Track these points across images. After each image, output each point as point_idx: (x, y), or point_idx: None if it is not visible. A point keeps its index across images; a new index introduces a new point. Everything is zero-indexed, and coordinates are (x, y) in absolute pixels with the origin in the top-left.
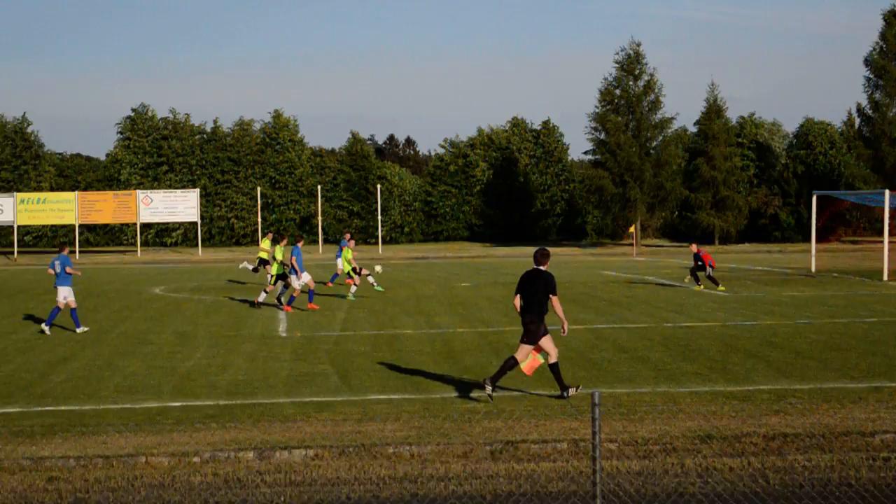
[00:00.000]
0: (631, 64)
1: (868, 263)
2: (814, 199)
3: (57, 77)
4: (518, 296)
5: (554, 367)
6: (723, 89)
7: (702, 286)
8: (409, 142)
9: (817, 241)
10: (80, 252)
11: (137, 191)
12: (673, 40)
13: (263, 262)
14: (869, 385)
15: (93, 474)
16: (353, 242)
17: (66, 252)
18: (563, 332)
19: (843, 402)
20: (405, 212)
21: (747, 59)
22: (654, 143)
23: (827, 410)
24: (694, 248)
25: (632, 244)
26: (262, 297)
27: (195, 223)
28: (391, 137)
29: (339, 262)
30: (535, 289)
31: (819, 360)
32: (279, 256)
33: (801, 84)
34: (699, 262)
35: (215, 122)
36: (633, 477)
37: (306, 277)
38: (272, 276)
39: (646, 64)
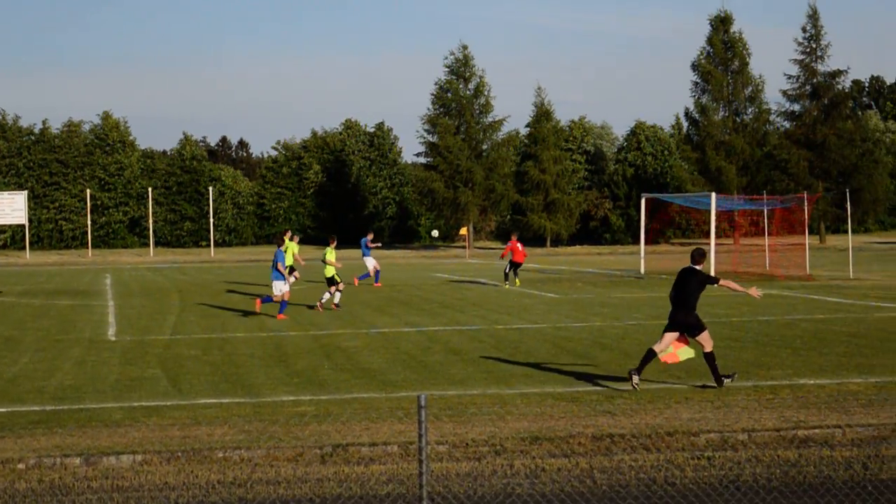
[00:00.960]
0: (460, 67)
1: None
2: (642, 201)
3: None
4: (673, 291)
5: (709, 357)
6: (553, 93)
7: (511, 285)
8: (242, 144)
9: (647, 243)
10: None
11: None
12: (503, 44)
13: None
14: (694, 385)
15: None
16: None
17: None
18: (758, 295)
19: (670, 402)
20: (238, 214)
21: (577, 63)
22: (485, 146)
23: (653, 411)
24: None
25: (464, 247)
26: (325, 299)
27: (23, 226)
28: (223, 139)
29: (368, 260)
30: (691, 286)
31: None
32: (331, 258)
33: (630, 88)
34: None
35: (44, 123)
36: (462, 479)
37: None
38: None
39: (475, 67)
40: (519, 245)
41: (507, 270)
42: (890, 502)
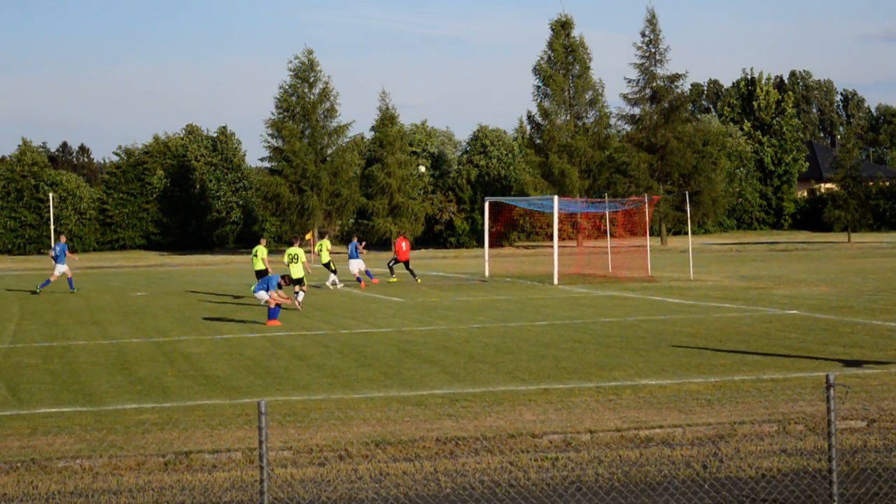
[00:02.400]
0: (305, 71)
1: (540, 268)
2: (486, 205)
3: None
4: None
5: None
6: (397, 97)
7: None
8: (83, 149)
9: (491, 246)
10: None
11: None
12: (348, 48)
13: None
14: (538, 387)
15: None
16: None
17: None
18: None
19: (514, 404)
20: (80, 221)
21: (419, 67)
22: (331, 151)
23: (498, 413)
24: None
25: (309, 251)
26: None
27: None
28: (64, 145)
29: (353, 263)
30: None
31: (491, 364)
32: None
33: (473, 92)
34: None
35: None
36: (306, 484)
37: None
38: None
39: (320, 71)
40: (404, 245)
41: (391, 264)
42: (728, 500)
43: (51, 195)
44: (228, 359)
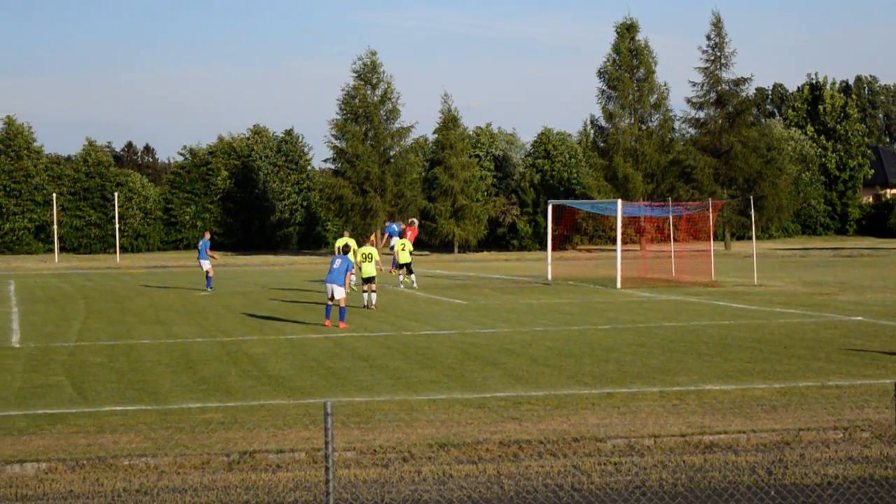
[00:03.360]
0: (368, 73)
1: (602, 271)
2: (549, 208)
3: None
4: None
5: None
6: (459, 99)
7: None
8: (148, 149)
9: (553, 249)
10: None
11: None
12: (411, 50)
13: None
14: (601, 391)
15: None
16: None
17: None
18: None
19: (577, 408)
20: (144, 220)
21: (483, 70)
22: (394, 152)
23: (561, 416)
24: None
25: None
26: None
27: None
28: (129, 145)
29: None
30: None
31: (554, 367)
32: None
33: (537, 95)
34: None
35: None
36: (369, 485)
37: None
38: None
39: (383, 73)
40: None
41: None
42: None
43: (116, 194)
44: (292, 359)
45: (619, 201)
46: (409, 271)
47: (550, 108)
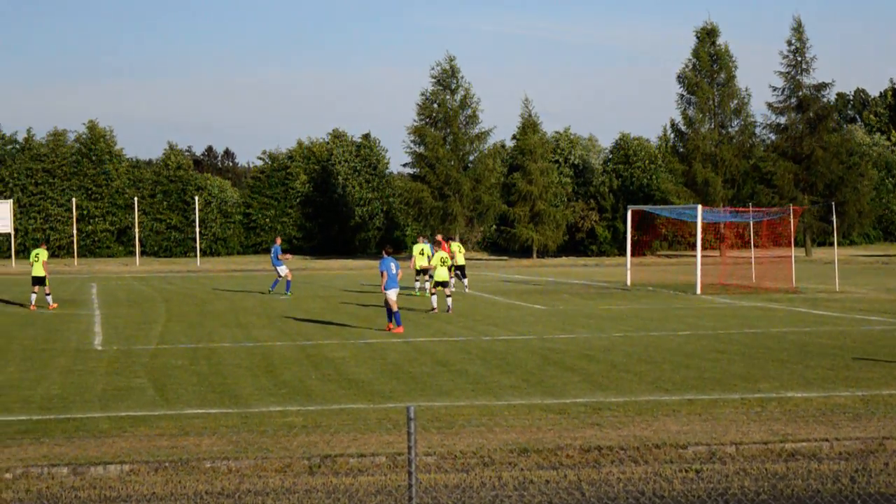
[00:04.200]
0: (447, 78)
1: (682, 277)
2: (628, 213)
3: None
4: None
5: None
6: (539, 104)
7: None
8: (228, 153)
9: (633, 255)
10: None
11: None
12: (489, 55)
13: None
14: (682, 398)
15: None
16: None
17: None
18: None
19: (657, 414)
20: (224, 224)
21: (561, 75)
22: (473, 157)
23: (641, 423)
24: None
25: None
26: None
27: (8, 235)
28: (209, 149)
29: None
30: None
31: (634, 373)
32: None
33: (615, 100)
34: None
35: (28, 131)
36: (450, 490)
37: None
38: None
39: (462, 78)
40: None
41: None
42: None
43: (196, 198)
44: (371, 363)
45: (699, 207)
46: (460, 275)
47: (629, 113)
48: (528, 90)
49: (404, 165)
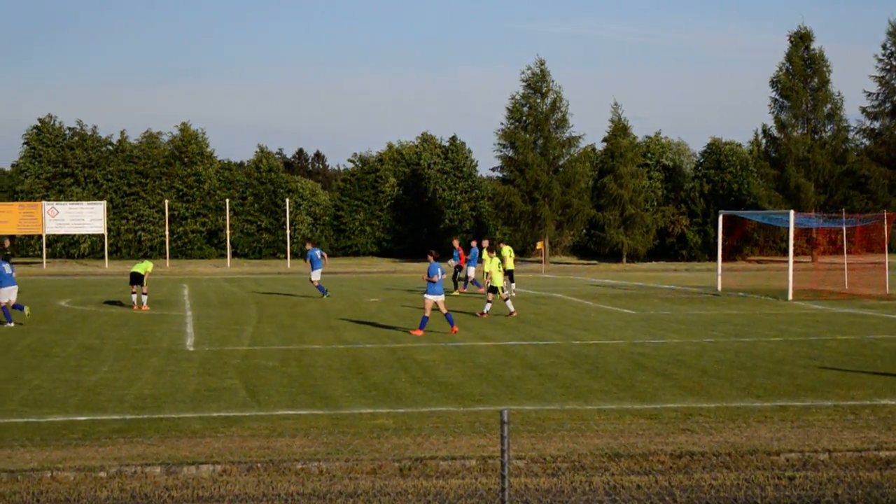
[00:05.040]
0: (537, 82)
1: (773, 283)
2: (720, 218)
3: None
4: None
5: None
6: (628, 108)
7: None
8: (319, 156)
9: (723, 260)
10: None
11: (43, 202)
12: (578, 59)
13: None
14: (774, 404)
15: None
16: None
17: None
18: None
19: (749, 420)
20: (314, 226)
21: (651, 79)
22: (562, 161)
23: (733, 429)
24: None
25: (540, 261)
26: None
27: (102, 235)
28: (300, 151)
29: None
30: None
31: (725, 379)
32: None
33: (706, 104)
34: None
35: (121, 133)
36: (541, 494)
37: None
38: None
39: (552, 82)
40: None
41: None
42: None
43: (286, 200)
44: (461, 366)
45: (792, 212)
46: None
47: (720, 117)
48: (618, 94)
49: (493, 169)
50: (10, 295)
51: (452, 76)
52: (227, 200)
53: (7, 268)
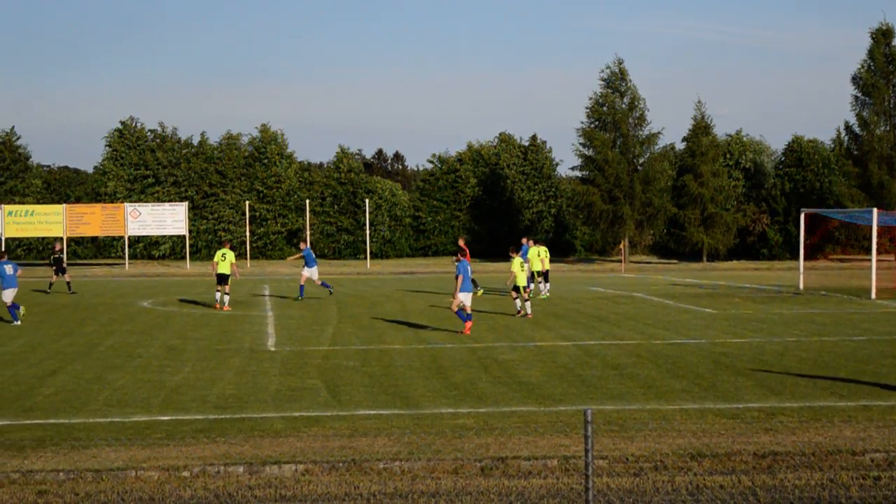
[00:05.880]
0: (616, 81)
1: (856, 282)
2: (802, 216)
3: (45, 90)
4: None
5: None
6: (708, 106)
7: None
8: (398, 156)
9: (805, 258)
10: (67, 265)
11: (125, 204)
12: (656, 57)
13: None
14: (858, 404)
15: (83, 488)
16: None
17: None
18: None
19: (833, 420)
20: (394, 227)
21: (731, 77)
22: (642, 160)
23: (816, 429)
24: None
25: (620, 261)
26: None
27: (183, 236)
28: (380, 152)
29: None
30: None
31: (808, 378)
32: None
33: (787, 101)
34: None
35: (202, 135)
36: (623, 494)
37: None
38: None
39: (630, 81)
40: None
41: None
42: None
43: (366, 201)
44: (541, 366)
45: (875, 210)
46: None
47: (801, 115)
48: (696, 93)
49: (573, 169)
50: (10, 296)
51: (530, 75)
52: (307, 201)
53: (9, 269)
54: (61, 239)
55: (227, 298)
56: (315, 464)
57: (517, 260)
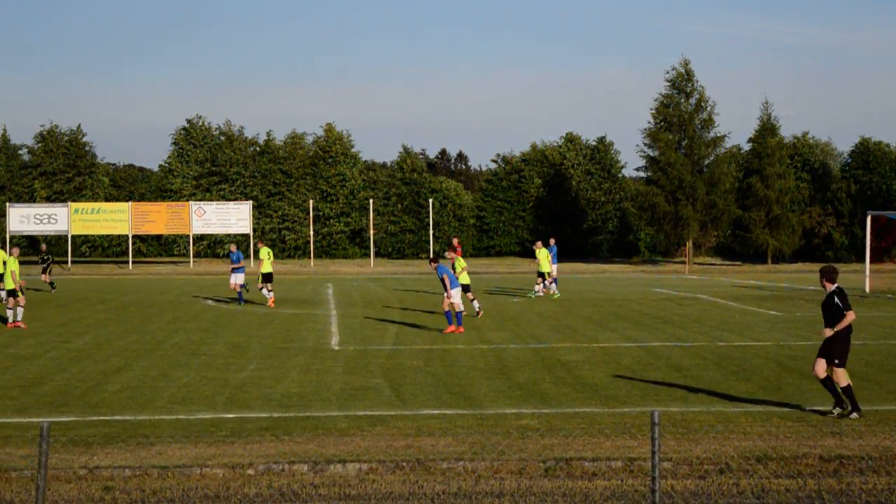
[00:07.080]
0: (682, 82)
1: None
2: (868, 219)
3: (112, 88)
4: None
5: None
6: (774, 107)
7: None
8: (461, 156)
9: (871, 261)
10: (132, 262)
11: (191, 202)
12: (723, 58)
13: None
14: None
15: (148, 485)
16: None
17: None
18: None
19: None
20: (458, 227)
21: (797, 78)
22: (707, 161)
23: (884, 433)
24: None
25: (684, 262)
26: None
27: (247, 235)
28: (443, 152)
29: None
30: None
31: (875, 382)
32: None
33: (854, 103)
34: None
35: (268, 134)
36: (688, 496)
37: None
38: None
39: (696, 82)
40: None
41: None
42: None
43: (430, 201)
44: (605, 367)
45: None
46: (549, 280)
47: (868, 116)
48: (762, 94)
49: (637, 170)
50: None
51: (596, 76)
52: (371, 201)
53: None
54: (48, 241)
55: (270, 294)
56: (379, 463)
57: (544, 252)
